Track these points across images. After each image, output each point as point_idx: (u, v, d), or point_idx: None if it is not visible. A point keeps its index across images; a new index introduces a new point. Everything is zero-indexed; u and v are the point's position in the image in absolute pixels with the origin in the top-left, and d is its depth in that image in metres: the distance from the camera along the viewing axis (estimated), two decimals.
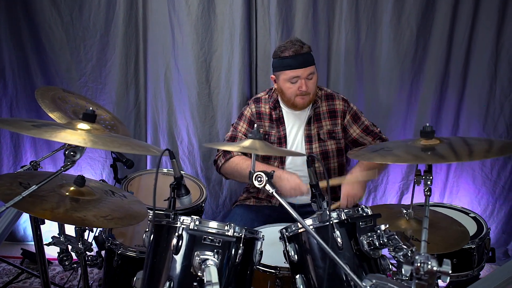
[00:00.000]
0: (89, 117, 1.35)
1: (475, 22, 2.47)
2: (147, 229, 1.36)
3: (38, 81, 2.65)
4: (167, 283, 1.19)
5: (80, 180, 1.59)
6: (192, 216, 1.24)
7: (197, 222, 1.23)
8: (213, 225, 1.25)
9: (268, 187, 1.13)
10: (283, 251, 1.42)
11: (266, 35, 2.56)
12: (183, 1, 2.50)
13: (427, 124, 1.23)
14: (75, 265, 1.74)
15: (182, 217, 1.25)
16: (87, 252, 1.68)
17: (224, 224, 1.26)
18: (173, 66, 2.63)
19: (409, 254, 1.10)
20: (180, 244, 1.22)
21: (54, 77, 2.65)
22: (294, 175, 1.95)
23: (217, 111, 2.69)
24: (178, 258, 1.22)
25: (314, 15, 2.51)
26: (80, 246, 1.67)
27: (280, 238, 1.41)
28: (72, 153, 1.30)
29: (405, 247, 1.12)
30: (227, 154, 2.11)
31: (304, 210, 2.16)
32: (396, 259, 1.12)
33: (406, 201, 2.78)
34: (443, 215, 1.69)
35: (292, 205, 2.15)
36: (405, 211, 1.58)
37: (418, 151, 1.23)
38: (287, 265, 1.57)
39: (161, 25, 2.59)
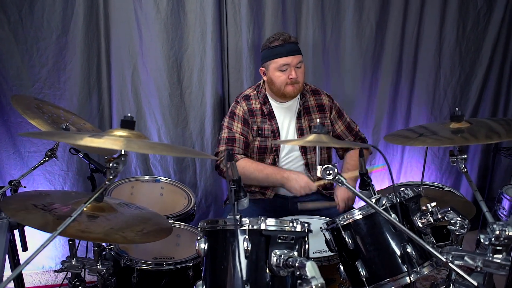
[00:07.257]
0: (128, 124, 1.25)
1: (422, 19, 2.77)
2: (199, 237, 1.31)
3: None
4: (246, 287, 1.16)
5: (100, 195, 1.45)
6: (259, 216, 1.23)
7: (266, 222, 1.21)
8: (277, 223, 1.24)
9: (340, 177, 1.16)
10: (326, 241, 1.47)
11: (238, 32, 2.55)
12: None
13: (457, 109, 1.37)
14: None
15: (246, 219, 1.23)
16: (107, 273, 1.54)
17: (286, 220, 1.26)
18: (141, 67, 2.49)
19: (465, 226, 1.24)
20: (251, 246, 1.19)
21: (1, 83, 2.32)
22: (301, 174, 1.99)
23: (190, 112, 2.61)
24: (251, 260, 1.19)
25: (283, 13, 2.58)
26: (99, 267, 1.52)
27: (324, 229, 1.45)
28: (115, 164, 1.19)
29: (460, 219, 1.25)
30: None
31: (297, 200, 2.23)
32: (455, 231, 1.24)
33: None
34: (441, 190, 1.88)
35: (285, 197, 2.22)
36: (417, 190, 1.73)
37: (449, 134, 1.37)
38: (317, 255, 1.64)
39: (125, 24, 2.42)
